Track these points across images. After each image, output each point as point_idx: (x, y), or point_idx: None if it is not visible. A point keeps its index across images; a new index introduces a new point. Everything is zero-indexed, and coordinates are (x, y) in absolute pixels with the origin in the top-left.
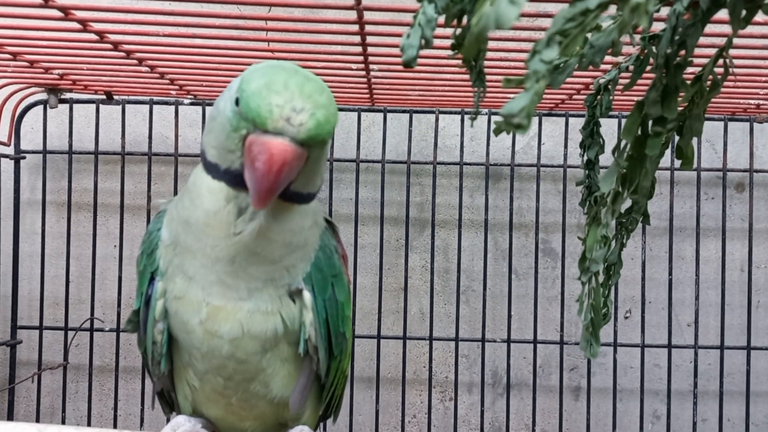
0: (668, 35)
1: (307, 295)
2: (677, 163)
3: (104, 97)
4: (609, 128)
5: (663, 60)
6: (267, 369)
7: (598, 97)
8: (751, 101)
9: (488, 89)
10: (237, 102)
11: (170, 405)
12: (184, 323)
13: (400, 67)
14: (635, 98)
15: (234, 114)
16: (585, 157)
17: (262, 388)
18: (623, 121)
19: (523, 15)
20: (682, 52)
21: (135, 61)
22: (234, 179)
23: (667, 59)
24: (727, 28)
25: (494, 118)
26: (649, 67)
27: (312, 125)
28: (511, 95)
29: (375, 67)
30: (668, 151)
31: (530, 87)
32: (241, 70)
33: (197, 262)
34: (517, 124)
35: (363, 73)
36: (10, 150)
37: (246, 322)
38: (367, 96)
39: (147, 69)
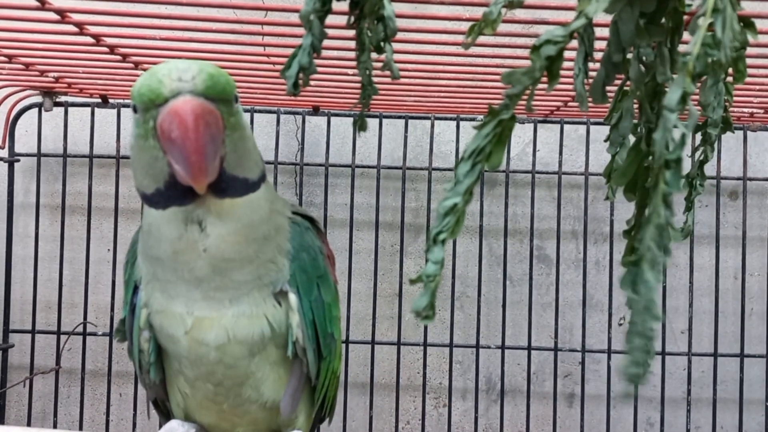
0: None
1: (292, 297)
2: None
3: (100, 100)
4: (601, 135)
5: None
6: (256, 373)
7: None
8: (745, 110)
9: (483, 94)
10: (135, 109)
11: (165, 414)
12: (169, 335)
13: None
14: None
15: (138, 122)
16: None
17: (252, 392)
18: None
19: (518, 21)
20: None
21: (131, 65)
22: (179, 193)
23: None
24: None
25: None
26: None
27: (205, 76)
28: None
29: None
30: None
31: (428, 287)
32: (237, 75)
33: (182, 287)
34: (425, 316)
35: (359, 78)
36: (4, 153)
37: (231, 327)
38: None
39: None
